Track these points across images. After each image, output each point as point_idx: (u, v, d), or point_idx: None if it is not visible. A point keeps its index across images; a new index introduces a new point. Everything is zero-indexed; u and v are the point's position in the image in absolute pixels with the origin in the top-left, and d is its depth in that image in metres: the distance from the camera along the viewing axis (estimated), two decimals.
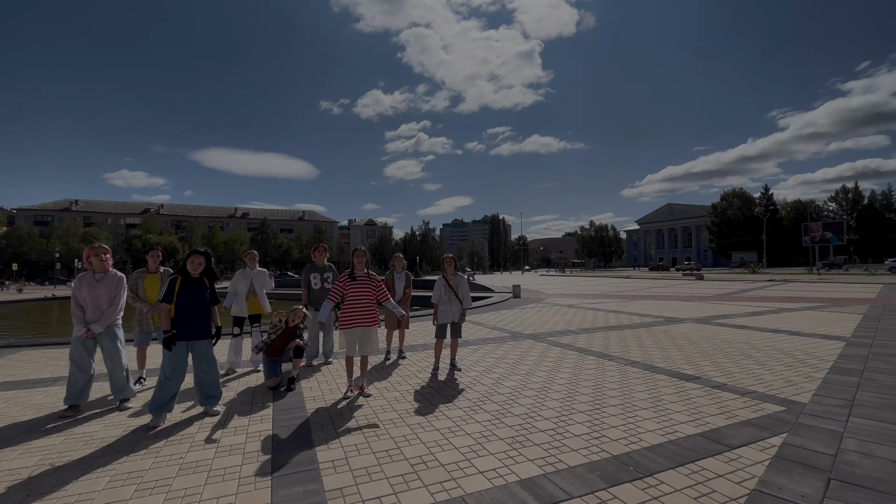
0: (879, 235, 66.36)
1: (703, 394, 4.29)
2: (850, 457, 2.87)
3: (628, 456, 2.93)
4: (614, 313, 11.31)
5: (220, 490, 2.57)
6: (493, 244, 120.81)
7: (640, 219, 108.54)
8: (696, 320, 9.60)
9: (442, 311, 5.38)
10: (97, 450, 3.17)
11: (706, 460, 2.85)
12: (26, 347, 7.40)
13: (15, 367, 5.91)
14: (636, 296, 17.36)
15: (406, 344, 7.01)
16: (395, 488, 2.56)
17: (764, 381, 4.70)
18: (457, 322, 5.44)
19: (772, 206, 71.04)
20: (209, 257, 4.06)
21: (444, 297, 5.39)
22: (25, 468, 2.88)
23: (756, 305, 12.60)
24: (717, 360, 5.73)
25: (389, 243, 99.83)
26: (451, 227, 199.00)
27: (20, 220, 75.12)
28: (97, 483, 2.67)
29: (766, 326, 8.49)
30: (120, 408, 4.11)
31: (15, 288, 40.06)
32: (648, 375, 5.00)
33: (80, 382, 3.99)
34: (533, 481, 2.61)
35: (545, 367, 5.50)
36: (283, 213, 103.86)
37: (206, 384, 3.96)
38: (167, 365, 3.76)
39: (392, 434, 3.40)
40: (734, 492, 2.47)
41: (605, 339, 7.49)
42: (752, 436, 3.23)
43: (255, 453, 3.08)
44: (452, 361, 5.59)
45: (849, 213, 70.78)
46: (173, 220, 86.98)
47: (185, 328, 3.83)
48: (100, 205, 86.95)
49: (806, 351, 6.17)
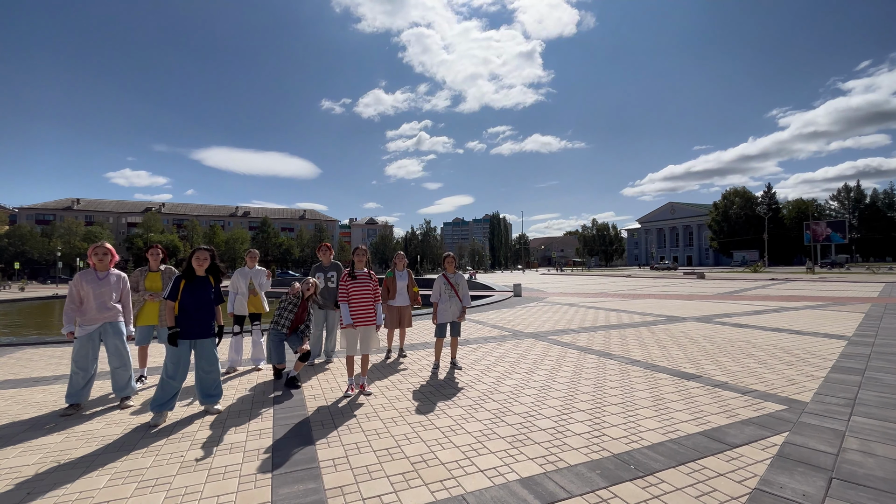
0: (881, 234, 66.15)
1: (704, 392, 4.28)
2: (852, 456, 2.86)
3: (629, 455, 2.93)
4: (615, 312, 11.29)
5: (221, 488, 2.57)
6: (493, 243, 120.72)
7: (642, 217, 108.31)
8: (697, 319, 9.59)
9: (442, 309, 5.38)
10: (98, 448, 3.18)
11: (707, 459, 2.85)
12: (28, 346, 7.42)
13: (17, 366, 5.92)
14: (637, 294, 17.34)
15: (406, 343, 7.01)
16: (395, 487, 2.56)
17: (765, 379, 4.69)
18: (457, 321, 5.44)
19: (774, 204, 70.80)
20: (213, 254, 4.08)
21: (443, 295, 5.39)
22: (27, 466, 2.89)
23: (757, 304, 12.57)
24: (718, 358, 5.72)
25: (390, 242, 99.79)
26: (452, 225, 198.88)
27: (22, 219, 75.36)
28: (98, 481, 2.67)
29: (767, 325, 8.47)
30: (121, 406, 4.12)
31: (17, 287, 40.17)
32: (649, 374, 4.99)
33: (81, 381, 4.00)
34: (534, 480, 2.61)
35: (546, 365, 5.49)
36: (285, 212, 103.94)
37: (207, 383, 3.96)
38: (169, 363, 3.77)
39: (392, 432, 3.40)
40: (735, 491, 2.46)
41: (605, 337, 7.48)
42: (754, 435, 3.22)
43: (255, 451, 3.08)
44: (453, 360, 5.58)
45: (851, 211, 70.55)
46: (174, 219, 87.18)
47: (188, 326, 3.83)
48: (101, 204, 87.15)
49: (807, 350, 6.15)
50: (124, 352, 4.13)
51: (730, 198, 75.47)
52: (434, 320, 5.43)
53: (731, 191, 76.74)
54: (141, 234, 69.86)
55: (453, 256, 5.61)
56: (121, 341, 4.14)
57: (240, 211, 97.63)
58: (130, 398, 4.22)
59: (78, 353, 3.99)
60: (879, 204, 69.20)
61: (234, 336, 5.58)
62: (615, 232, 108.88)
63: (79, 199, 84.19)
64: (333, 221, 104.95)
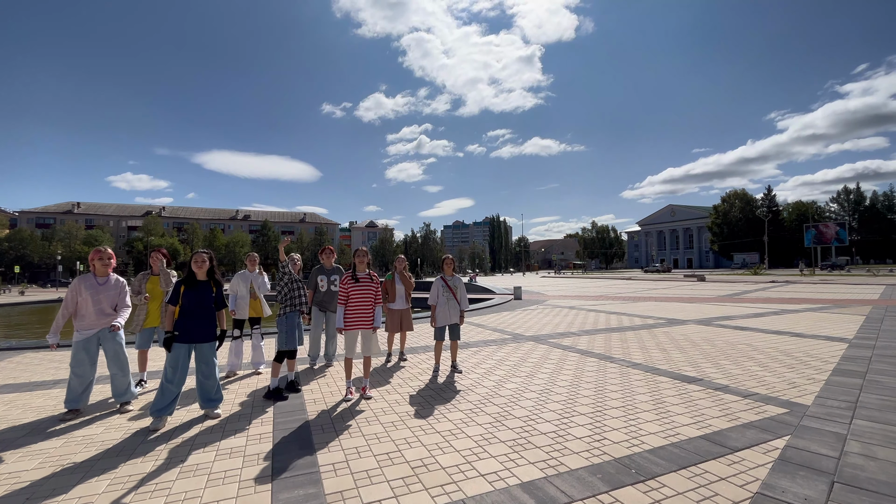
0: (881, 236, 66.19)
1: (705, 396, 4.27)
2: (854, 459, 2.85)
3: (630, 458, 2.92)
4: (615, 315, 11.28)
5: (221, 493, 2.56)
6: (494, 245, 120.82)
7: (642, 220, 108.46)
8: (697, 322, 9.57)
9: (440, 313, 5.37)
10: (98, 453, 3.17)
11: (708, 463, 2.84)
12: (28, 350, 7.41)
13: (16, 370, 5.92)
14: (637, 297, 17.32)
15: (407, 346, 7.00)
16: (395, 491, 2.55)
17: (766, 382, 4.68)
18: (456, 324, 5.43)
19: (774, 207, 70.87)
20: (212, 256, 4.08)
21: (441, 298, 5.38)
22: (26, 471, 2.88)
23: (758, 307, 12.56)
24: (718, 361, 5.71)
25: (391, 245, 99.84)
26: (452, 228, 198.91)
27: (22, 223, 75.42)
28: (97, 486, 2.66)
29: (768, 328, 8.45)
30: (120, 410, 4.11)
31: (17, 290, 40.15)
32: (650, 377, 4.98)
33: (79, 387, 3.99)
34: (534, 484, 2.60)
35: (546, 369, 5.48)
36: (285, 215, 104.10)
37: (207, 387, 3.95)
38: (168, 367, 3.76)
39: (393, 437, 3.39)
40: (737, 495, 2.45)
41: (606, 340, 7.47)
42: (755, 438, 3.21)
43: (255, 456, 3.07)
44: (453, 363, 5.57)
45: (851, 213, 70.61)
46: (175, 223, 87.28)
47: (187, 330, 3.82)
48: (102, 207, 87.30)
49: (808, 352, 6.14)
50: (123, 357, 4.11)
51: (730, 200, 75.60)
52: (433, 324, 5.43)
53: (731, 193, 76.89)
54: (141, 237, 69.98)
55: (452, 259, 5.62)
56: (120, 347, 4.12)
57: (240, 214, 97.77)
58: (130, 403, 4.20)
59: (75, 359, 3.97)
60: (879, 206, 69.26)
61: (234, 340, 5.58)
62: (615, 234, 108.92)
63: (79, 203, 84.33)
64: (334, 224, 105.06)
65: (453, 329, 5.45)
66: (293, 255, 5.29)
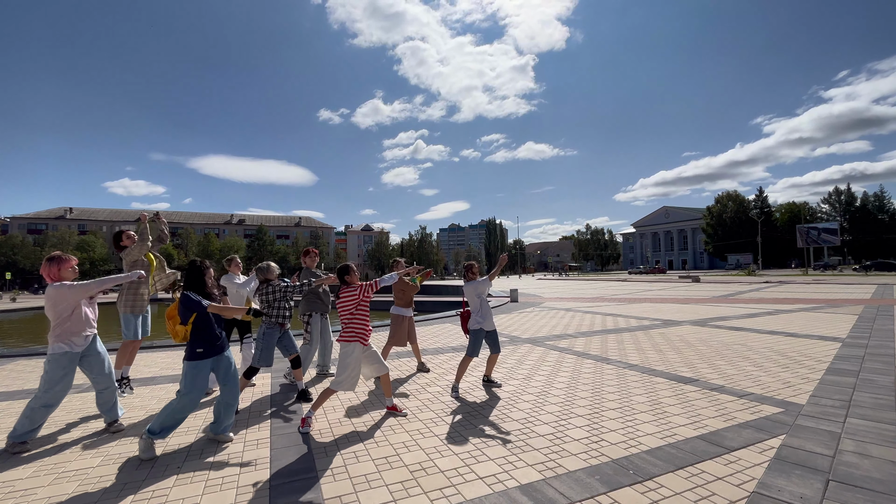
0: (872, 236, 66.87)
1: (701, 396, 4.29)
2: (849, 458, 2.88)
3: (628, 460, 2.93)
4: (612, 316, 11.32)
5: (219, 500, 2.54)
6: (489, 248, 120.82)
7: (637, 222, 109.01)
8: (692, 323, 9.63)
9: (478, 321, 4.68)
10: (95, 453, 3.14)
11: (705, 463, 2.86)
12: (20, 357, 7.32)
13: (8, 378, 5.84)
14: (633, 298, 17.40)
15: (405, 350, 6.97)
16: (394, 495, 2.55)
17: (761, 382, 4.72)
18: (492, 331, 4.78)
19: (766, 208, 71.49)
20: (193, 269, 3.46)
21: (485, 305, 4.74)
22: (20, 479, 2.85)
23: (752, 307, 12.65)
24: (714, 362, 5.75)
25: (386, 248, 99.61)
26: (448, 231, 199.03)
27: (13, 229, 74.50)
28: (93, 496, 2.63)
29: (762, 328, 8.52)
30: (110, 429, 3.71)
31: (8, 297, 39.62)
32: (647, 378, 5.00)
33: (42, 417, 3.38)
34: (533, 486, 2.60)
35: (543, 371, 5.49)
36: (280, 219, 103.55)
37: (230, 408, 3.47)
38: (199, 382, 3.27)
39: (391, 441, 3.39)
40: (734, 494, 2.47)
41: (602, 342, 7.49)
42: (751, 438, 3.24)
43: (252, 462, 3.06)
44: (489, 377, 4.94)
45: (842, 214, 71.32)
46: (169, 228, 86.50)
47: (209, 343, 3.34)
48: (94, 213, 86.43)
49: (802, 352, 6.20)
50: (111, 368, 3.74)
51: (723, 202, 76.17)
52: (466, 334, 4.77)
53: (724, 195, 77.47)
54: None
55: (478, 266, 5.00)
56: (106, 357, 3.71)
57: (235, 219, 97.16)
58: (118, 421, 3.77)
59: (56, 380, 3.34)
60: (870, 206, 70.04)
61: None
62: (610, 236, 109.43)
63: (71, 208, 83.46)
64: (329, 228, 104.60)
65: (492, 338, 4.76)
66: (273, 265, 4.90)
